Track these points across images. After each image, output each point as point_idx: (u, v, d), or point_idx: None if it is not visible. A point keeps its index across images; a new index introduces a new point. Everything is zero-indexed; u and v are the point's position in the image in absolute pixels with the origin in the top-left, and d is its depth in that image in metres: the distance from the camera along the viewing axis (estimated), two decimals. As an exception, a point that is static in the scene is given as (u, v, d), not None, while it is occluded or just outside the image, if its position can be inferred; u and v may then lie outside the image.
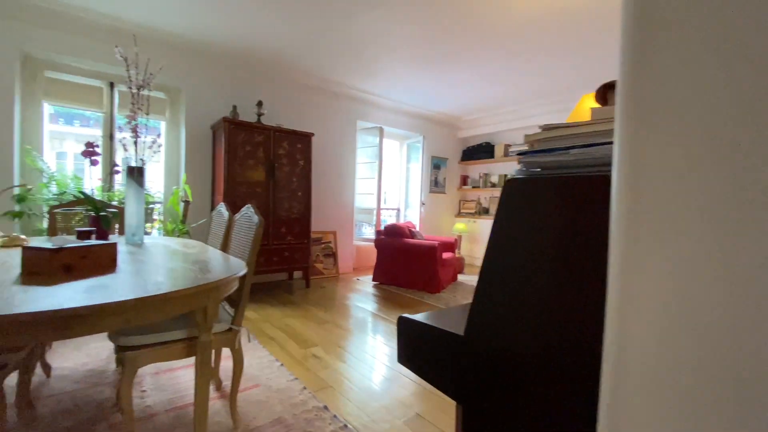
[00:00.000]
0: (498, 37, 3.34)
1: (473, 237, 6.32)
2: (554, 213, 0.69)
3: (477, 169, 6.68)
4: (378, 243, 4.48)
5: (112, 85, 3.51)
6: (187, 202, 3.46)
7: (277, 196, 3.96)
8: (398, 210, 6.10)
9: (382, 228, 4.67)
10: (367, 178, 5.30)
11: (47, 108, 3.32)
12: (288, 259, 4.05)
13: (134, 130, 2.09)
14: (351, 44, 3.61)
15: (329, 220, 4.97)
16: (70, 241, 1.33)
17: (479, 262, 6.28)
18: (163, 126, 3.86)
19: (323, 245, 4.90)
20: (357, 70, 4.30)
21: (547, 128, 0.81)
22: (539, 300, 0.71)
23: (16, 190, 2.90)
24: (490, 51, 3.63)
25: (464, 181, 6.79)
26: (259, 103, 3.92)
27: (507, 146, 6.06)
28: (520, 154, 0.85)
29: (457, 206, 6.78)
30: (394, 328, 2.93)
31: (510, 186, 0.75)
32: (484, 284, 0.79)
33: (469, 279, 4.99)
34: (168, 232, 3.34)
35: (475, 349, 0.79)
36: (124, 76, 3.36)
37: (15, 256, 1.47)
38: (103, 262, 1.30)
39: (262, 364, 2.20)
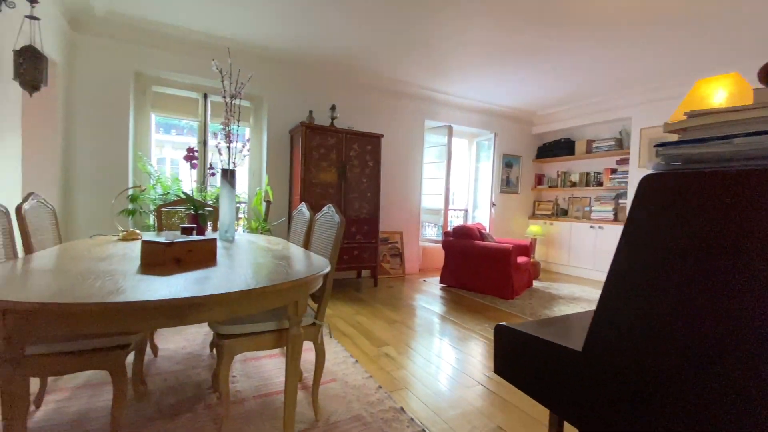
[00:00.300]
0: (586, 24, 3.05)
1: (549, 240, 5.89)
2: (715, 213, 0.57)
3: (554, 167, 6.22)
4: (446, 244, 4.38)
5: (205, 96, 3.89)
6: (269, 202, 3.70)
7: (348, 196, 4.06)
8: (466, 211, 5.92)
9: (449, 229, 4.55)
10: (434, 178, 5.22)
11: (153, 119, 3.77)
12: (357, 258, 4.14)
13: (228, 137, 2.27)
14: (423, 43, 3.57)
15: (396, 221, 4.99)
16: (178, 237, 1.47)
17: (556, 268, 5.86)
18: (247, 132, 4.18)
19: (390, 245, 4.92)
20: (427, 69, 4.25)
21: (696, 114, 0.68)
22: (690, 311, 0.60)
23: (130, 191, 3.34)
24: (574, 40, 3.34)
25: (539, 180, 6.37)
26: (333, 107, 4.06)
27: (590, 142, 5.55)
28: (660, 145, 0.73)
29: (531, 207, 6.39)
30: (465, 333, 2.83)
31: (649, 183, 0.64)
32: (612, 294, 0.69)
33: (545, 285, 4.66)
34: (252, 230, 3.60)
35: (601, 367, 0.70)
36: (216, 88, 3.68)
37: (133, 248, 1.67)
38: (205, 255, 1.42)
39: (337, 359, 2.25)
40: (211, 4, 3.00)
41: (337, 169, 3.98)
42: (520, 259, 4.17)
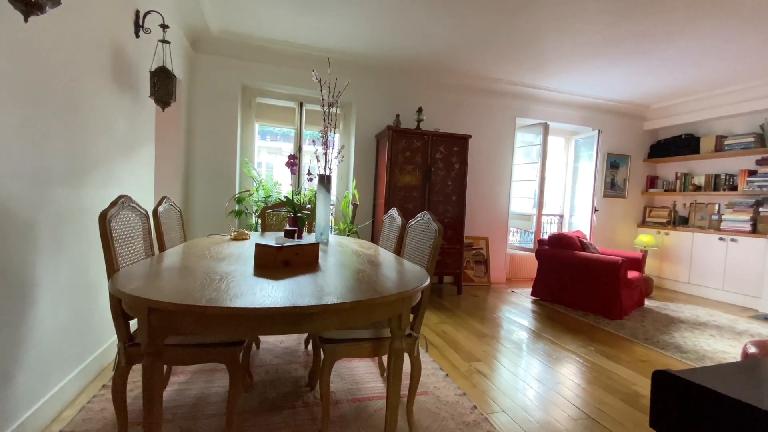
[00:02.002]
0: (721, 7, 2.53)
1: (663, 253, 5.09)
2: None
3: (671, 167, 5.37)
4: (540, 254, 4.02)
5: (301, 105, 4.13)
6: (355, 205, 3.78)
7: (432, 200, 3.97)
8: (561, 217, 5.41)
9: (543, 236, 4.18)
10: (524, 180, 4.86)
11: (256, 127, 4.12)
12: (440, 264, 4.02)
13: (325, 144, 2.35)
14: (518, 37, 3.32)
15: (481, 226, 4.75)
16: (285, 240, 1.53)
17: (672, 285, 5.03)
18: (337, 137, 4.35)
19: (474, 251, 4.70)
20: (519, 63, 3.96)
21: None
22: None
23: (238, 194, 3.68)
24: (703, 21, 2.79)
25: (652, 182, 5.55)
26: (419, 110, 4.01)
27: (720, 138, 4.66)
28: None
29: (640, 214, 5.60)
30: (565, 355, 2.54)
31: None
32: None
33: (660, 306, 4.01)
34: (341, 231, 3.72)
35: None
36: (311, 97, 3.87)
37: (244, 248, 1.79)
38: (310, 259, 1.45)
39: (427, 370, 2.17)
40: (310, 16, 3.15)
41: (422, 172, 3.92)
42: (631, 274, 3.64)
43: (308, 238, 2.20)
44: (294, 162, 2.45)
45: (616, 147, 5.33)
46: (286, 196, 2.36)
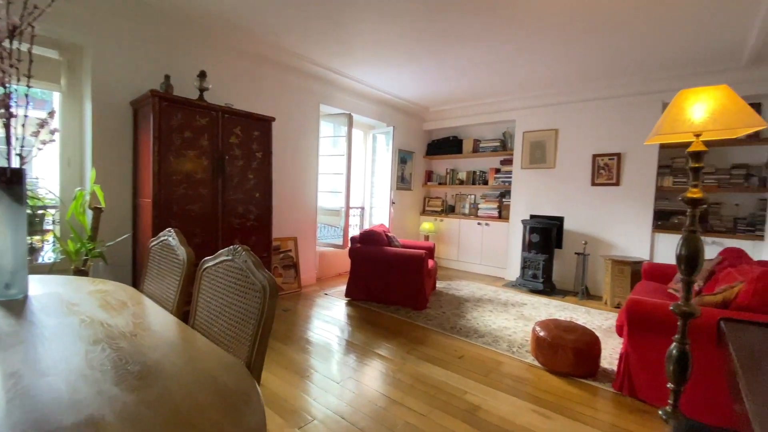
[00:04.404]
0: (509, 19, 2.83)
1: (440, 236, 5.93)
2: None
3: (443, 164, 6.27)
4: (353, 252, 3.80)
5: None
6: (98, 210, 2.43)
7: (228, 198, 3.07)
8: (362, 209, 5.44)
9: (355, 233, 4.00)
10: (331, 174, 4.54)
11: None
12: (243, 278, 3.19)
13: (5, 107, 1.19)
14: (329, 14, 2.83)
15: (289, 225, 4.15)
16: None
17: (447, 263, 5.92)
18: (56, 99, 2.71)
19: (282, 254, 4.07)
20: (328, 46, 3.51)
21: None
22: None
23: None
24: (498, 29, 3.10)
25: (429, 176, 6.35)
26: (202, 74, 2.96)
27: (476, 141, 5.72)
28: None
29: (421, 204, 6.33)
30: (400, 376, 2.34)
31: None
32: None
33: (446, 286, 4.56)
34: (70, 255, 2.30)
35: None
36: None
37: None
38: None
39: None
40: None
41: (211, 160, 2.93)
42: (430, 263, 3.91)
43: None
44: None
45: (405, 144, 5.77)
46: None
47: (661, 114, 4.07)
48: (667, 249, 4.05)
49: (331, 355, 2.55)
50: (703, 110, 1.38)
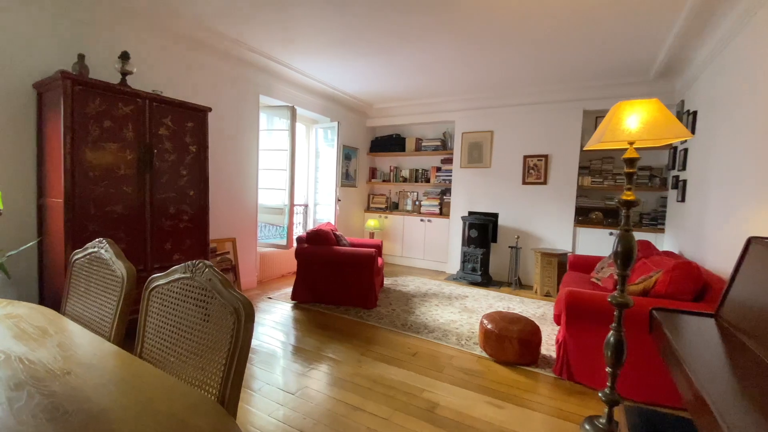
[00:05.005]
0: (449, 23, 2.90)
1: (385, 233, 5.97)
2: None
3: (386, 161, 6.30)
4: (300, 253, 3.64)
5: None
6: (-10, 212, 2.01)
7: (158, 197, 2.74)
8: (306, 207, 5.25)
9: (300, 232, 3.84)
10: (273, 170, 4.30)
11: None
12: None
13: None
14: (274, -8, 2.65)
15: (227, 224, 3.85)
16: None
17: (392, 259, 5.98)
18: None
19: (219, 257, 3.77)
20: (270, 32, 3.29)
21: None
22: None
23: None
24: (436, 35, 3.17)
25: (373, 173, 6.34)
26: (124, 55, 2.59)
27: (419, 140, 5.84)
28: None
29: (366, 201, 6.31)
30: (364, 386, 2.30)
31: None
32: None
33: (392, 282, 4.61)
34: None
35: None
36: None
37: None
38: None
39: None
40: None
41: (137, 154, 2.59)
42: (379, 261, 3.91)
43: None
44: None
45: (349, 140, 5.68)
46: None
47: (582, 119, 4.60)
48: (587, 241, 4.53)
49: (281, 364, 2.42)
50: (637, 121, 1.54)
